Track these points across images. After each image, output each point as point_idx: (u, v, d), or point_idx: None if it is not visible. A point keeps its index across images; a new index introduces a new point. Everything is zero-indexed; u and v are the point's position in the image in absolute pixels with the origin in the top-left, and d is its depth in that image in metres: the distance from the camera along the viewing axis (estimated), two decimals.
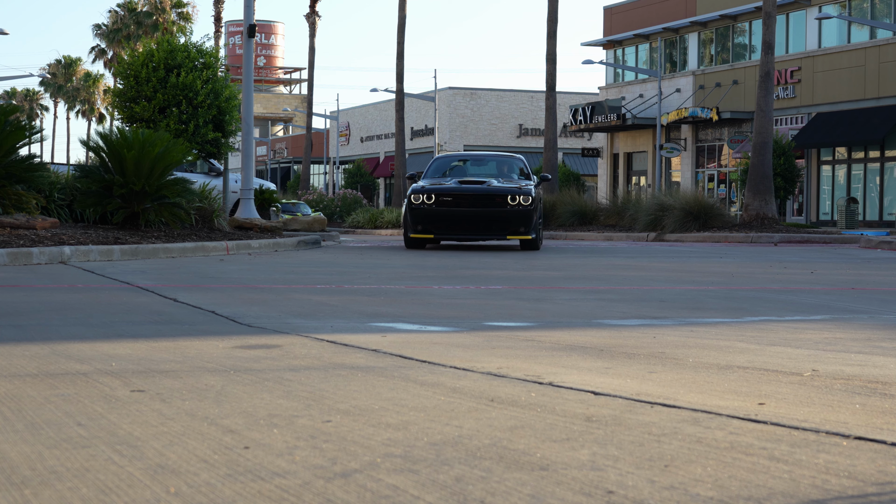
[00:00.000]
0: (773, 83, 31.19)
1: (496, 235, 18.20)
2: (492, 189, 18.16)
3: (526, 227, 18.14)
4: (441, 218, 18.18)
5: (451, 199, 18.13)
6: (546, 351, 5.47)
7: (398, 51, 49.48)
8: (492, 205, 18.03)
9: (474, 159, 20.99)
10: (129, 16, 78.90)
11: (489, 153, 21.21)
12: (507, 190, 18.06)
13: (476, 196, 18.12)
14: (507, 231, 18.10)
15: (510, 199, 18.01)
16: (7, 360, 4.91)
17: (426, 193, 18.24)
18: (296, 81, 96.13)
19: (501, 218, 18.03)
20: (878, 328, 6.94)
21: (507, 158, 20.66)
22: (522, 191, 18.13)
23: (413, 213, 18.24)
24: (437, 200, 18.17)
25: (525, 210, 18.05)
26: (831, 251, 21.85)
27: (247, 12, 22.09)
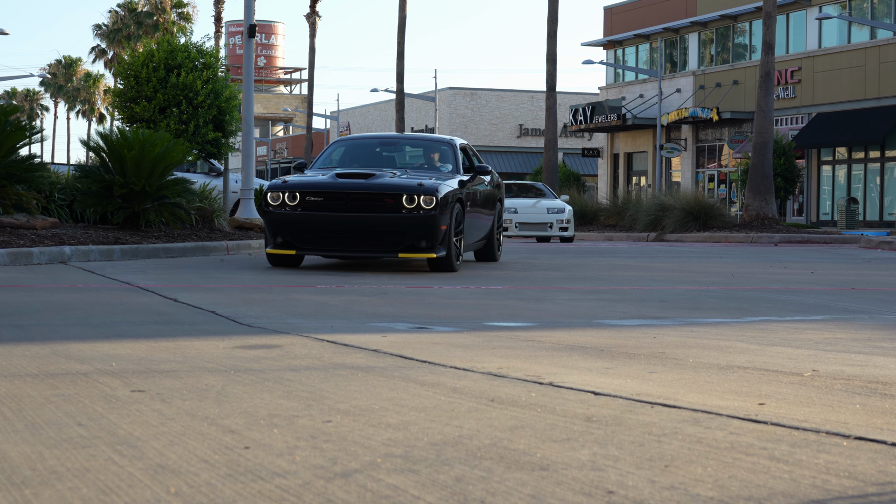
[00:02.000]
0: (773, 83, 31.18)
1: (384, 251, 11.97)
2: (380, 185, 11.90)
3: (429, 240, 11.79)
4: (307, 226, 11.97)
5: (321, 199, 11.90)
6: (546, 351, 5.47)
7: (398, 51, 49.48)
8: (378, 208, 11.79)
9: (387, 143, 14.45)
10: (130, 16, 78.89)
11: (412, 135, 14.90)
12: (403, 187, 11.80)
13: (355, 195, 11.86)
14: (400, 245, 11.86)
15: (406, 199, 11.67)
16: (7, 360, 4.91)
17: (287, 191, 12.00)
18: (296, 81, 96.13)
19: (391, 227, 11.79)
20: (879, 328, 6.94)
21: (437, 143, 14.11)
22: (426, 188, 11.73)
23: (270, 220, 12.07)
24: (301, 202, 11.92)
25: (426, 216, 11.66)
26: (831, 251, 21.84)
27: (247, 12, 22.09)
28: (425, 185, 11.83)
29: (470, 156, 14.23)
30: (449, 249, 12.02)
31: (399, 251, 11.88)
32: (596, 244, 26.11)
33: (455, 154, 13.70)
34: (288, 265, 12.58)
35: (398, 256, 11.93)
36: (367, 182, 12.02)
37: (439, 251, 11.86)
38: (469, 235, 13.03)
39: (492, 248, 14.52)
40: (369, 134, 15.17)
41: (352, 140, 14.45)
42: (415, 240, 11.80)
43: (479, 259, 14.67)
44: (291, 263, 12.62)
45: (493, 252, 14.56)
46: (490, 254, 14.55)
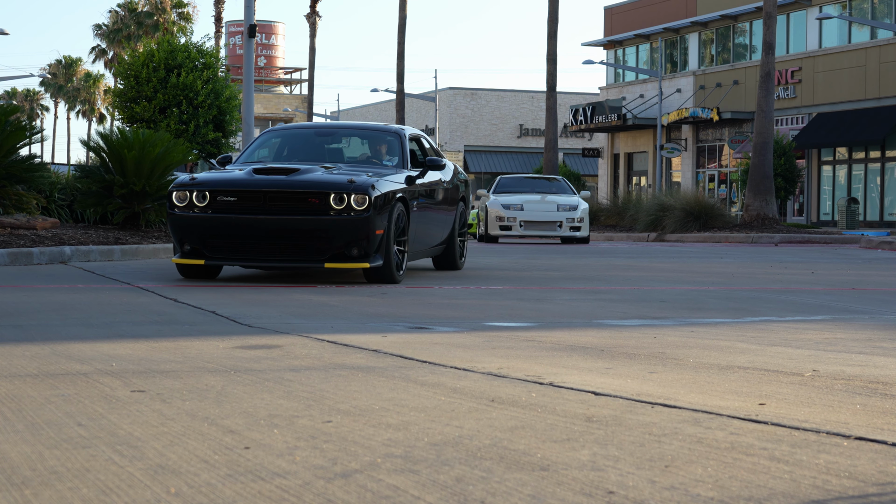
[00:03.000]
0: (773, 83, 31.18)
1: (308, 260, 10.00)
2: (303, 182, 9.98)
3: (362, 246, 9.88)
4: (217, 231, 10.03)
5: (234, 199, 10.00)
6: (546, 351, 5.47)
7: (399, 51, 49.49)
8: (302, 209, 9.89)
9: (325, 133, 12.39)
10: (130, 16, 78.89)
11: (354, 123, 12.59)
12: (331, 184, 9.91)
13: (274, 194, 9.96)
14: (327, 253, 9.91)
15: (334, 198, 9.80)
16: (7, 360, 4.91)
17: (195, 190, 10.09)
18: (296, 81, 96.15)
19: (316, 231, 9.87)
20: (879, 328, 6.94)
21: (382, 133, 12.04)
22: (358, 185, 9.84)
23: (175, 224, 10.13)
24: (212, 202, 10.02)
25: (358, 219, 9.77)
26: (832, 251, 21.84)
27: (247, 12, 22.10)
28: (357, 181, 9.85)
29: (425, 148, 12.34)
30: (388, 258, 10.04)
31: (325, 260, 9.85)
32: (596, 244, 26.10)
33: (402, 145, 11.58)
34: (202, 276, 10.58)
35: (324, 267, 9.85)
36: (288, 179, 10.00)
37: (374, 260, 9.92)
38: (418, 241, 11.21)
39: (452, 254, 12.53)
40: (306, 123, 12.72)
41: (285, 130, 12.29)
42: (344, 247, 9.82)
43: (438, 267, 12.72)
44: (206, 275, 10.59)
45: (455, 259, 12.55)
46: (450, 261, 12.56)
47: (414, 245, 11.02)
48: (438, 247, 12.19)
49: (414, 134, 12.15)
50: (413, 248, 11.04)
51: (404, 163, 11.35)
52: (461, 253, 12.84)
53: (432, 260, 12.70)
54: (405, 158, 11.42)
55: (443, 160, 11.64)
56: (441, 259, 12.59)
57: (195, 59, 22.56)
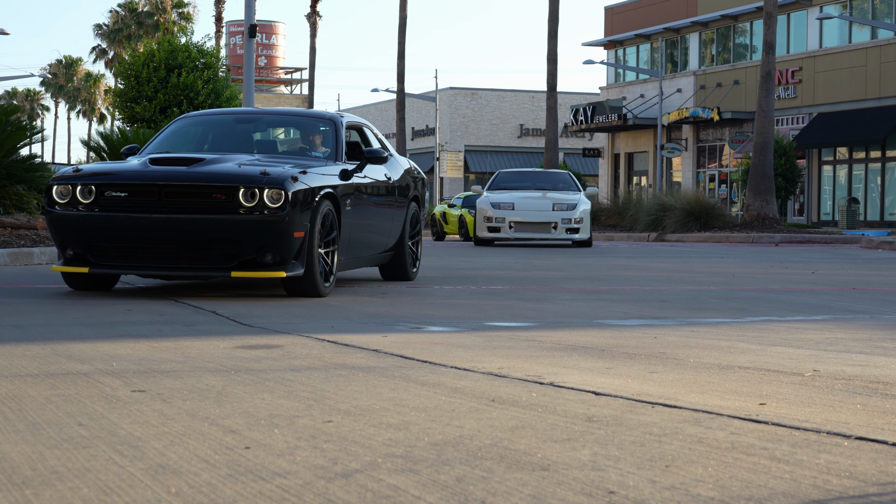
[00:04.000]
0: (774, 83, 31.17)
1: (212, 268, 8.37)
2: (207, 174, 8.39)
3: (277, 252, 8.28)
4: (104, 233, 8.41)
5: (125, 194, 8.41)
6: (547, 351, 5.47)
7: (399, 51, 49.49)
8: (205, 207, 8.30)
9: (247, 120, 10.58)
10: (130, 16, 78.89)
11: (282, 109, 10.85)
12: (240, 177, 8.34)
13: (172, 189, 8.37)
14: (234, 259, 8.31)
15: (243, 194, 8.25)
16: (8, 360, 4.91)
17: (80, 184, 8.53)
18: (297, 81, 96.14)
19: (222, 233, 8.27)
20: (880, 328, 6.94)
21: (314, 120, 10.29)
22: (273, 178, 8.27)
23: (55, 224, 8.55)
24: (99, 198, 8.43)
25: (272, 219, 8.21)
26: (832, 251, 21.84)
27: (248, 12, 22.10)
28: (272, 174, 8.26)
29: (368, 139, 10.64)
30: (310, 266, 8.41)
31: (233, 268, 8.23)
32: (597, 244, 26.09)
33: (336, 135, 9.84)
34: (93, 287, 8.94)
35: (230, 274, 8.20)
36: (188, 171, 8.37)
37: (293, 268, 8.30)
38: (355, 246, 9.53)
39: (401, 262, 10.71)
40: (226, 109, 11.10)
41: (200, 117, 10.59)
42: (255, 252, 8.21)
43: (386, 277, 10.90)
44: (99, 286, 8.96)
45: (405, 267, 10.75)
46: (399, 269, 10.76)
47: (348, 251, 9.35)
48: (385, 253, 10.45)
49: (354, 122, 10.43)
50: (348, 255, 9.39)
51: (338, 154, 9.65)
52: (414, 260, 11.04)
53: (379, 269, 10.89)
54: (339, 149, 9.72)
55: (386, 153, 10.05)
56: (389, 267, 10.78)
57: (196, 59, 22.58)
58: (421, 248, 11.23)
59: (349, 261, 9.54)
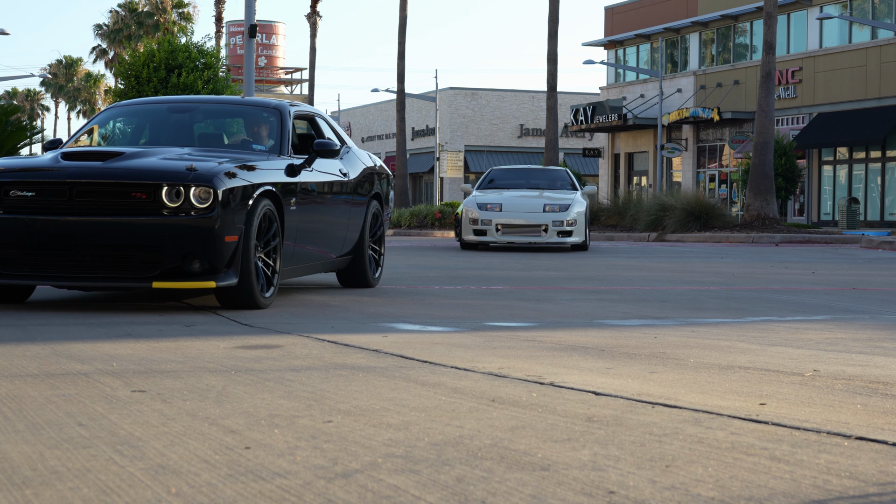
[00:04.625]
0: (774, 83, 31.17)
1: (131, 277, 7.25)
2: (126, 170, 7.39)
3: (206, 258, 7.24)
4: (10, 237, 7.34)
5: (32, 193, 7.40)
6: (547, 351, 5.47)
7: (399, 51, 49.50)
8: (123, 207, 7.26)
9: (182, 109, 9.48)
10: (130, 16, 78.90)
11: (222, 98, 9.75)
12: (163, 172, 7.33)
13: (85, 187, 7.35)
14: (157, 267, 7.21)
15: (167, 192, 7.23)
16: (8, 360, 4.91)
17: None
18: (297, 81, 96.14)
19: (141, 238, 7.21)
20: (880, 328, 6.94)
21: (258, 109, 9.19)
22: (200, 174, 7.28)
23: None
24: (4, 198, 7.41)
25: (199, 221, 7.20)
26: (832, 251, 21.84)
27: (248, 12, 22.10)
28: (200, 169, 7.25)
29: (321, 130, 9.54)
30: (246, 274, 7.35)
31: (154, 278, 7.15)
32: (597, 244, 26.08)
33: (282, 126, 8.79)
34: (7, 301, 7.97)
35: (151, 285, 7.12)
36: (103, 166, 7.35)
37: (225, 277, 7.22)
38: (303, 251, 8.53)
39: (360, 267, 9.64)
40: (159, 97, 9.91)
41: (130, 106, 9.48)
42: (181, 259, 7.15)
43: (344, 284, 9.83)
44: (9, 298, 7.98)
45: (365, 273, 9.68)
46: (359, 276, 9.68)
47: (295, 256, 8.36)
48: (343, 257, 9.39)
49: (304, 112, 9.36)
50: (294, 261, 8.40)
51: (283, 147, 8.60)
52: (376, 265, 10.00)
53: (337, 275, 9.84)
54: (284, 142, 8.66)
55: (337, 145, 8.83)
56: (347, 273, 9.70)
57: (196, 59, 22.58)
58: (384, 252, 10.21)
59: (297, 267, 8.53)
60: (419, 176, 72.75)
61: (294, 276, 8.62)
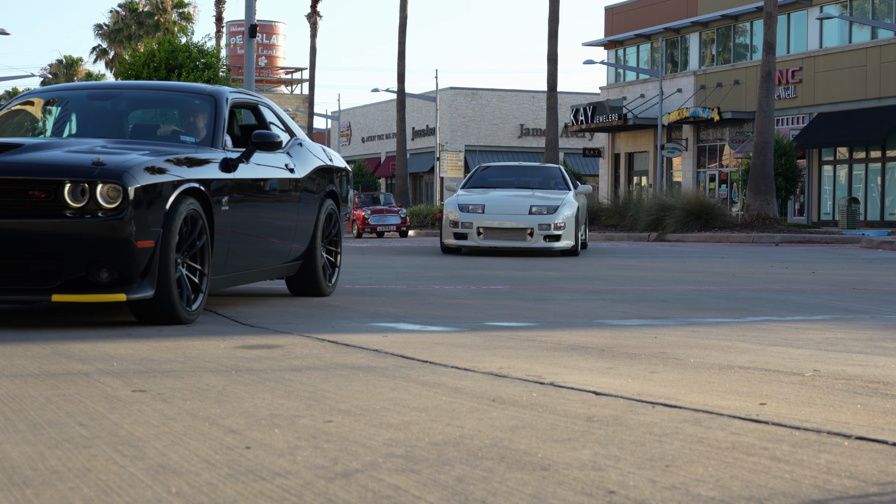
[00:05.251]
0: (774, 83, 31.17)
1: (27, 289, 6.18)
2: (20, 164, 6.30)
3: (114, 267, 6.18)
4: None
5: None
6: (547, 351, 5.47)
7: (399, 51, 49.49)
8: (18, 208, 6.17)
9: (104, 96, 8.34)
10: (131, 16, 78.90)
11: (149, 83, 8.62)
12: (66, 167, 6.25)
13: None
14: (57, 278, 6.16)
15: (70, 190, 6.14)
16: (9, 360, 4.92)
17: None
18: (297, 81, 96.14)
19: (40, 243, 6.13)
20: (880, 328, 6.94)
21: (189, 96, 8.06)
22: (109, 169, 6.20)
23: None
24: None
25: (106, 223, 6.11)
26: (832, 251, 21.84)
27: (248, 12, 22.11)
28: (108, 163, 6.23)
29: (264, 120, 8.44)
30: (164, 285, 6.36)
31: (55, 290, 6.16)
32: (597, 244, 26.08)
33: (216, 114, 7.71)
34: None
35: (51, 300, 6.12)
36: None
37: (138, 289, 6.24)
38: (238, 256, 7.48)
39: (312, 273, 8.66)
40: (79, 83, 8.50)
41: (48, 92, 8.55)
42: (85, 268, 6.17)
43: (295, 292, 8.84)
44: None
45: (317, 279, 8.70)
46: (311, 282, 8.71)
47: (229, 263, 7.34)
48: (291, 263, 8.45)
49: (244, 99, 8.28)
50: (229, 268, 7.37)
51: (216, 139, 7.51)
52: (331, 271, 9.00)
53: (286, 282, 8.84)
54: (218, 133, 7.56)
55: (279, 137, 7.79)
56: (297, 280, 8.73)
57: (196, 59, 22.59)
58: (341, 256, 9.17)
59: (233, 275, 7.50)
60: (419, 176, 72.75)
61: (230, 284, 7.54)
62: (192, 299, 6.69)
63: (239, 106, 8.17)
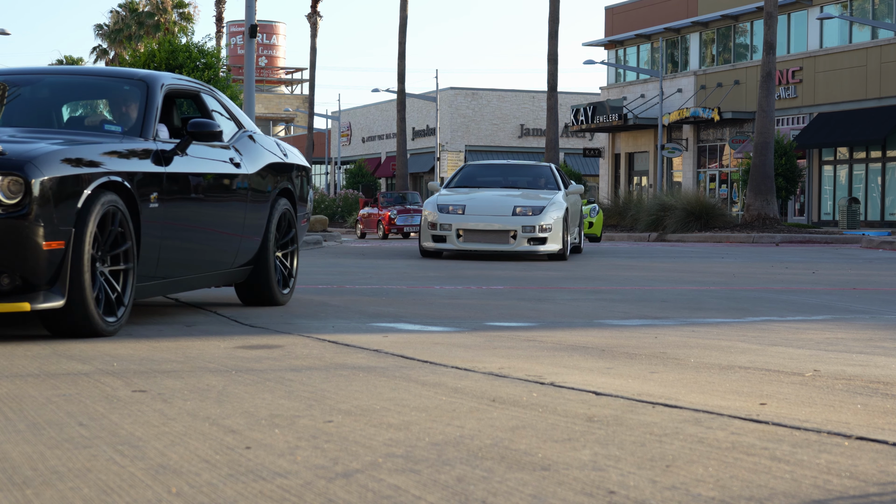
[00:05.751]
0: (774, 83, 31.17)
1: None
2: None
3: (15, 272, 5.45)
4: None
5: None
6: (547, 351, 5.47)
7: (399, 51, 49.50)
8: None
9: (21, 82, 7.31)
10: (131, 16, 78.93)
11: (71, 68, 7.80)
12: None
13: None
14: None
15: None
16: (9, 360, 4.91)
17: None
18: (297, 82, 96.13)
19: None
20: (880, 328, 6.94)
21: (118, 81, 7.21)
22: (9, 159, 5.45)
23: None
24: None
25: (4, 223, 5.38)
26: (833, 251, 21.83)
27: (248, 12, 22.11)
28: (10, 153, 5.54)
29: (207, 109, 7.54)
30: (77, 293, 5.63)
31: None
32: (597, 244, 26.08)
33: (148, 102, 6.84)
34: None
35: None
36: None
37: (46, 298, 5.54)
38: (172, 261, 6.63)
39: (265, 279, 7.79)
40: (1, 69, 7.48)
41: None
42: None
43: (245, 300, 7.94)
44: None
45: (270, 287, 7.82)
46: (262, 290, 7.83)
47: (160, 269, 6.51)
48: (239, 269, 7.60)
49: (183, 87, 7.39)
50: (159, 274, 6.52)
51: (146, 128, 6.65)
52: (286, 277, 8.11)
53: (235, 289, 7.96)
54: (149, 122, 6.70)
55: (218, 126, 6.86)
56: (247, 287, 7.86)
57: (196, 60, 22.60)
58: (297, 261, 8.29)
59: (165, 282, 6.68)
60: (420, 176, 72.74)
61: (164, 292, 6.77)
62: (114, 308, 5.91)
63: (178, 94, 7.31)
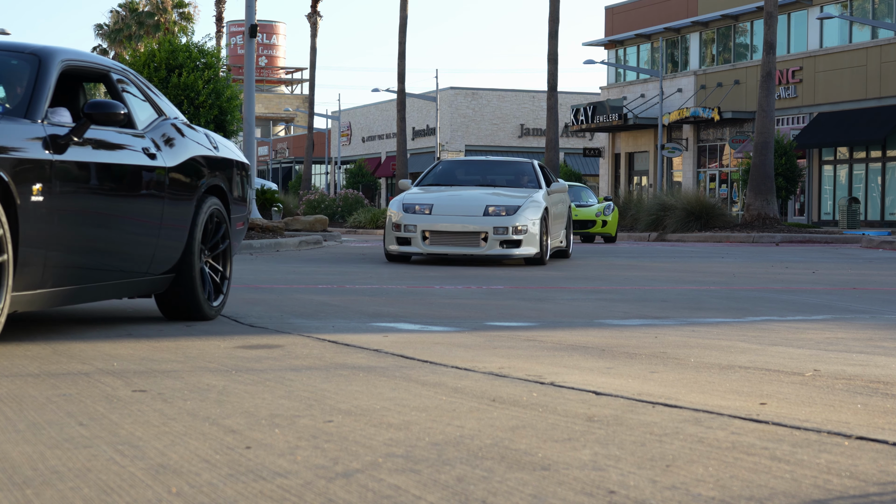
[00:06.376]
0: (774, 83, 31.17)
1: None
2: None
3: None
4: None
5: None
6: (548, 351, 5.47)
7: (400, 51, 49.49)
8: None
9: None
10: (131, 16, 78.90)
11: None
12: None
13: None
14: None
15: None
16: (9, 359, 4.91)
17: None
18: (297, 81, 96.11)
19: None
20: (880, 328, 6.94)
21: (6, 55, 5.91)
22: None
23: None
24: None
25: None
26: (833, 251, 21.83)
27: (248, 12, 22.10)
28: None
29: (118, 92, 6.42)
30: None
31: None
32: (597, 244, 26.08)
33: (38, 78, 5.76)
34: None
35: None
36: None
37: None
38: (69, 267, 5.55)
39: (189, 289, 6.66)
40: None
41: None
42: None
43: (168, 313, 6.81)
44: None
45: (195, 297, 6.69)
46: (187, 300, 6.71)
47: (53, 276, 5.42)
48: (158, 277, 6.51)
49: (84, 65, 6.26)
50: (52, 282, 5.44)
51: (33, 108, 5.58)
52: (216, 287, 7.01)
53: (156, 300, 6.83)
54: (38, 101, 5.63)
55: (122, 108, 5.76)
56: (168, 298, 6.74)
57: (196, 59, 22.59)
58: (231, 268, 7.20)
59: (60, 291, 5.56)
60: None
61: (55, 303, 5.57)
62: None
63: (81, 73, 6.29)
